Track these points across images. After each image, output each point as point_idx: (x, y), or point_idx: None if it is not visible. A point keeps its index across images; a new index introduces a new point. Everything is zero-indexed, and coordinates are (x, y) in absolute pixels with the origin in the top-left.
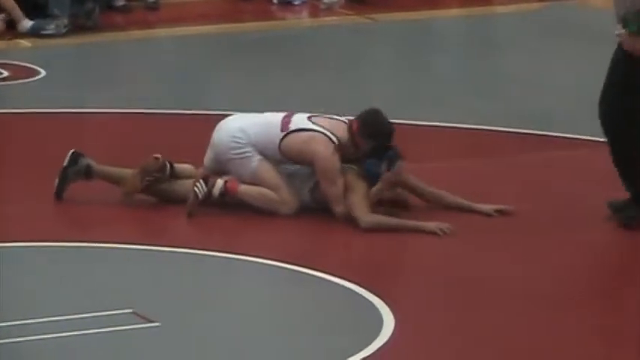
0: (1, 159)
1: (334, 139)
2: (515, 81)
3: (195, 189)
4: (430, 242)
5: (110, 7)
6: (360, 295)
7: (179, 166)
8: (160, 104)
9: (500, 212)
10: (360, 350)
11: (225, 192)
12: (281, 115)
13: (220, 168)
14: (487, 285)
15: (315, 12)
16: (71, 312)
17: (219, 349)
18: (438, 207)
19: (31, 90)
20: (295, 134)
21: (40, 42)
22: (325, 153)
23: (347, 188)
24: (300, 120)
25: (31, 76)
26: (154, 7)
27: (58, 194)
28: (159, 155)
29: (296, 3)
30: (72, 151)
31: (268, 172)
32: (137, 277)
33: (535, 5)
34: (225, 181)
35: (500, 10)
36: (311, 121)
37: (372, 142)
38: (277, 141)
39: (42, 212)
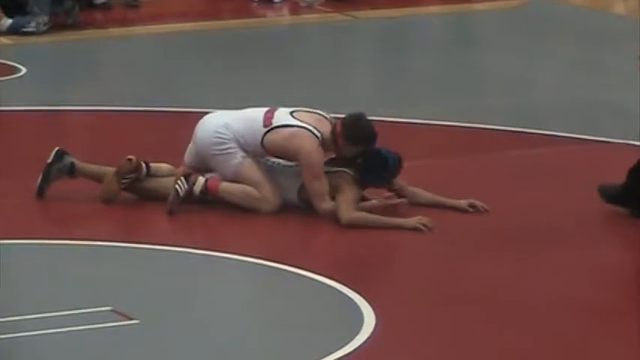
0: None
1: (318, 134)
2: (494, 78)
3: (177, 186)
4: (411, 240)
5: (90, 5)
6: (342, 293)
7: (155, 165)
8: (139, 102)
9: (474, 207)
10: (342, 347)
11: (206, 190)
12: (263, 110)
13: (202, 164)
14: (467, 282)
15: (295, 9)
16: (50, 309)
17: (199, 347)
18: (415, 204)
19: (11, 88)
20: (278, 130)
21: (20, 39)
22: (309, 148)
23: (338, 190)
24: (282, 115)
25: (12, 74)
26: (134, 5)
27: (40, 191)
28: (132, 156)
29: (276, 1)
30: (57, 148)
31: (251, 169)
32: (117, 274)
33: (514, 2)
34: (207, 180)
35: (479, 7)
36: (293, 116)
37: (354, 147)
38: (260, 136)
39: (22, 209)
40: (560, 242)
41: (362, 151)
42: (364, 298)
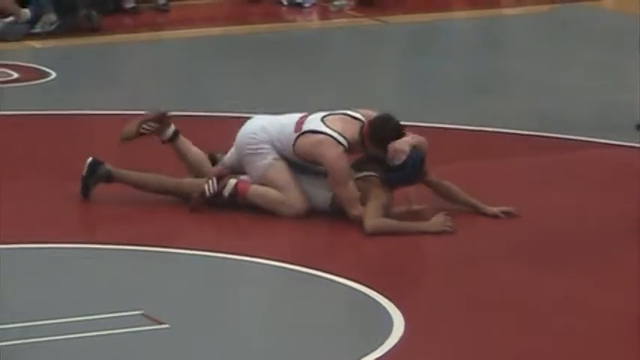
0: (13, 160)
1: (343, 141)
2: (523, 82)
3: (206, 185)
4: (439, 243)
5: (119, 9)
6: (370, 297)
7: (186, 142)
8: (167, 106)
9: (506, 214)
10: (371, 352)
11: (235, 193)
12: (298, 115)
13: (239, 166)
14: (495, 287)
15: (324, 14)
16: (81, 314)
17: (228, 350)
18: (446, 203)
19: (41, 92)
20: (306, 136)
21: (50, 43)
22: (332, 156)
23: (368, 197)
24: (313, 121)
25: (41, 78)
26: (164, 10)
27: (85, 195)
28: (164, 110)
29: (306, 5)
30: (90, 159)
31: (279, 172)
32: (147, 278)
33: (544, 7)
34: (237, 182)
35: (509, 12)
36: (324, 122)
37: (379, 148)
38: (292, 141)
39: (53, 213)
40: (586, 248)
41: (384, 153)
42: (393, 302)
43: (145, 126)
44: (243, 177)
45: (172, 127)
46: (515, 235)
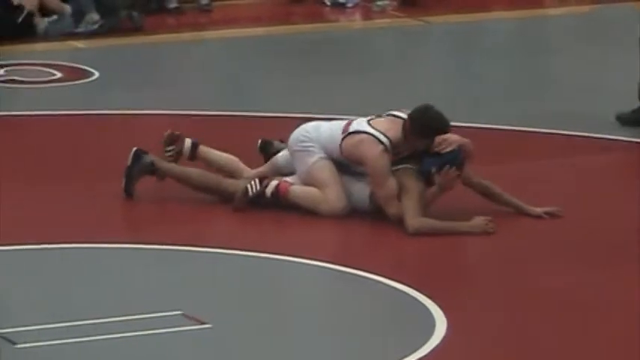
0: (57, 160)
1: (384, 140)
2: (564, 83)
3: (249, 185)
4: (480, 243)
5: (163, 9)
6: (412, 297)
7: (210, 151)
8: (210, 106)
9: (549, 214)
10: (413, 352)
11: (277, 193)
12: (348, 119)
13: (290, 165)
14: (538, 287)
15: (367, 14)
16: (121, 313)
17: (270, 350)
18: (489, 203)
19: (84, 91)
20: (350, 136)
21: (93, 43)
22: (372, 155)
23: (402, 190)
24: (358, 123)
25: (85, 78)
26: (206, 10)
27: (128, 193)
28: (169, 130)
29: (348, 5)
30: (134, 149)
31: (322, 170)
32: (187, 278)
33: (586, 8)
34: (278, 183)
35: (551, 12)
36: (369, 123)
37: (423, 138)
38: (338, 142)
39: (94, 214)
40: (632, 248)
41: (427, 146)
42: (435, 302)
43: (166, 154)
44: (286, 178)
45: (187, 142)
46: (558, 235)
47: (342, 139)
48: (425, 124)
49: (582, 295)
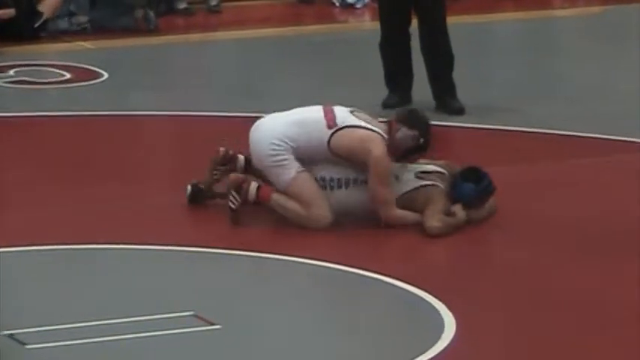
0: (66, 161)
1: (386, 137)
2: (573, 84)
3: (230, 204)
4: (491, 244)
5: (172, 10)
6: (421, 298)
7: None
8: (220, 107)
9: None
10: (422, 353)
11: (257, 199)
12: (317, 110)
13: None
14: (550, 288)
15: (376, 15)
16: (133, 314)
17: (280, 351)
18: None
19: (93, 92)
20: (348, 130)
21: (102, 44)
22: (380, 153)
23: (428, 201)
24: (344, 115)
25: (94, 79)
26: (216, 11)
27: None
28: (222, 148)
29: (358, 6)
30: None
31: (303, 185)
32: (198, 279)
33: (596, 9)
34: (258, 187)
35: (559, 14)
36: (355, 116)
37: (412, 130)
38: (326, 138)
39: (104, 215)
40: None
41: (420, 143)
42: (444, 303)
43: (215, 172)
44: (260, 181)
45: (240, 157)
46: (575, 236)
47: (332, 134)
48: (413, 116)
49: (597, 296)
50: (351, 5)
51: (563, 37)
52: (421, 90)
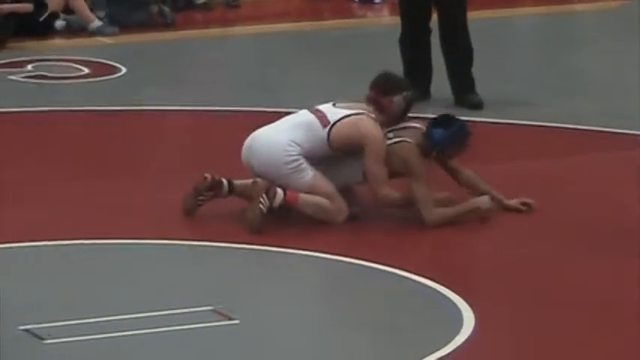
0: (84, 157)
1: (373, 116)
2: (595, 80)
3: (260, 205)
4: (508, 239)
5: (191, 5)
6: (440, 293)
7: (241, 183)
8: (238, 103)
9: (526, 205)
10: (440, 348)
11: (284, 203)
12: (305, 113)
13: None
14: (567, 284)
15: (395, 10)
16: (151, 309)
17: (298, 345)
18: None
19: (111, 87)
20: (339, 123)
21: (120, 39)
22: (375, 133)
23: (408, 172)
24: (331, 110)
25: (112, 74)
26: (234, 5)
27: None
28: (208, 175)
29: (376, 1)
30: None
31: (323, 181)
32: (217, 274)
33: (614, 3)
34: (285, 192)
35: (578, 8)
36: (339, 107)
37: (397, 95)
38: (325, 137)
39: (125, 210)
40: None
41: (408, 101)
42: (462, 298)
43: (200, 197)
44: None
45: (224, 182)
46: (590, 233)
47: (329, 131)
48: (393, 81)
49: (615, 293)
50: (370, 0)
51: (583, 31)
52: (440, 85)
